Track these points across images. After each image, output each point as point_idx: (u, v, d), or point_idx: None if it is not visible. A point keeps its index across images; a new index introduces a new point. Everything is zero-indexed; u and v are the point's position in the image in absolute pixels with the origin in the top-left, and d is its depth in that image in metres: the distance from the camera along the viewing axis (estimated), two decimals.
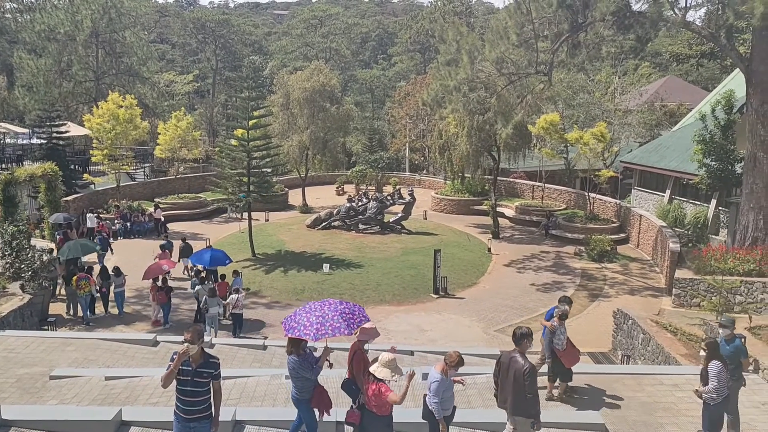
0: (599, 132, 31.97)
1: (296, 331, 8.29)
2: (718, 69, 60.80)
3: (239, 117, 29.51)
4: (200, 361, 7.25)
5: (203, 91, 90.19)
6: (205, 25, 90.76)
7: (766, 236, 21.33)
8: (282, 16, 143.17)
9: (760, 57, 21.06)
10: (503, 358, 8.64)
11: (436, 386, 7.99)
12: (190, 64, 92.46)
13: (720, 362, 8.85)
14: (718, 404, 8.88)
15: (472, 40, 23.31)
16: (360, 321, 8.66)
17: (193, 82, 73.96)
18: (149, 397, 11.64)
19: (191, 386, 7.21)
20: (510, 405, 8.27)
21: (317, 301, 9.17)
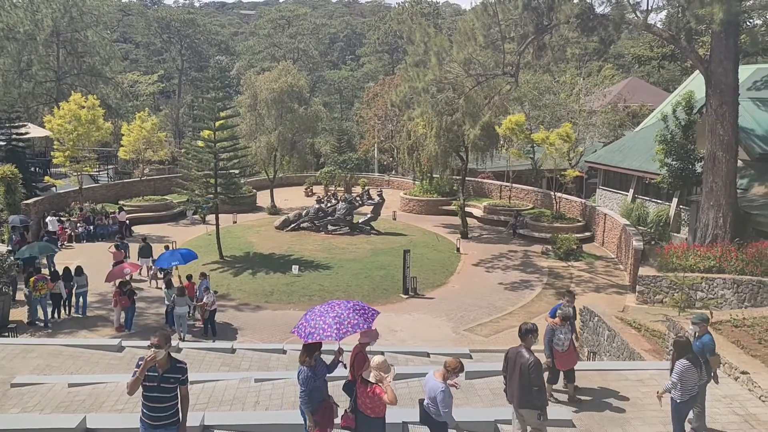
0: (565, 132, 32.46)
1: (316, 335, 8.16)
2: (679, 71, 62.28)
3: (206, 118, 29.13)
4: (167, 366, 7.13)
5: (168, 91, 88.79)
6: (169, 24, 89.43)
7: (725, 234, 21.91)
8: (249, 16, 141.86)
9: (719, 59, 21.64)
10: (510, 353, 8.84)
11: (443, 396, 7.90)
12: (154, 64, 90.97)
13: (688, 361, 8.88)
14: (685, 402, 8.99)
15: (439, 41, 23.42)
16: (372, 315, 8.75)
17: (157, 83, 72.71)
18: (114, 404, 11.41)
19: (158, 392, 7.09)
20: (516, 398, 8.52)
21: (321, 304, 9.13)
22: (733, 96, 21.78)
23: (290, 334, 19.82)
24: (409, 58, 25.82)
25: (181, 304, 19.07)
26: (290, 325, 20.67)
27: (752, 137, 26.02)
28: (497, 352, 17.40)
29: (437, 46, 23.07)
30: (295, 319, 21.33)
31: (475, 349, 16.96)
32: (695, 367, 8.89)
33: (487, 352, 17.27)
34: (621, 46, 67.39)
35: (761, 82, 30.59)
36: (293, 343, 18.17)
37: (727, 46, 21.48)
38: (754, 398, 10.93)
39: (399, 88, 26.82)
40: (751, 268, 19.12)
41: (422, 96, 24.41)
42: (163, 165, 47.67)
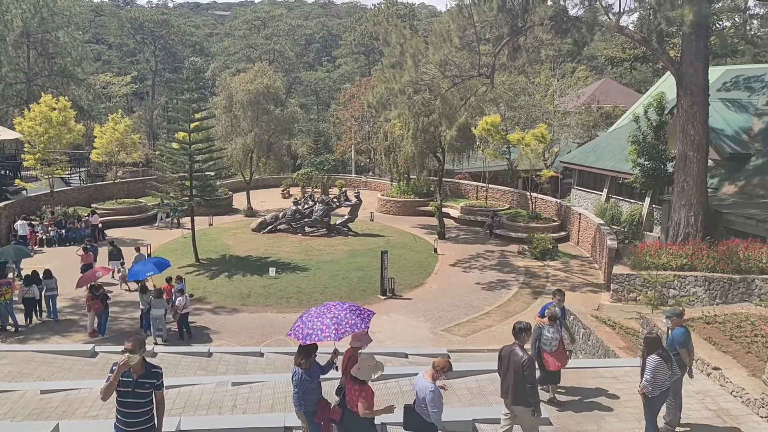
0: (540, 133, 32.79)
1: (314, 336, 8.13)
2: (651, 72, 63.34)
3: (180, 119, 28.82)
4: (141, 371, 7.03)
5: (142, 92, 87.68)
6: (143, 25, 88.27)
7: (697, 232, 22.31)
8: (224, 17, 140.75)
9: (690, 60, 22.05)
10: (503, 351, 8.89)
11: (432, 396, 7.90)
12: (127, 65, 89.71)
13: (659, 357, 9.04)
14: (656, 397, 9.14)
15: (415, 43, 23.48)
16: (368, 315, 8.77)
17: (131, 84, 71.74)
18: (88, 410, 11.23)
19: (132, 398, 6.99)
20: (510, 395, 8.61)
21: (316, 306, 9.10)
22: (703, 97, 22.20)
23: (268, 337, 19.71)
24: (386, 59, 25.86)
25: (157, 306, 18.99)
26: (267, 328, 20.58)
27: (722, 137, 26.55)
28: (475, 352, 17.53)
29: (413, 48, 23.13)
30: (272, 321, 21.28)
31: (452, 349, 17.03)
32: (666, 362, 9.05)
33: (465, 352, 17.36)
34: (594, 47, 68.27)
35: (731, 83, 31.25)
36: (270, 346, 18.09)
37: (697, 47, 21.90)
38: (726, 393, 11.14)
39: (375, 90, 26.81)
40: (721, 266, 19.50)
41: (399, 97, 24.45)
42: (137, 167, 47.06)
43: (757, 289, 18.41)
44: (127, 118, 43.54)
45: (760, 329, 12.90)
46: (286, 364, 15.37)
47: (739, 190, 25.00)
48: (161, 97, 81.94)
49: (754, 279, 18.55)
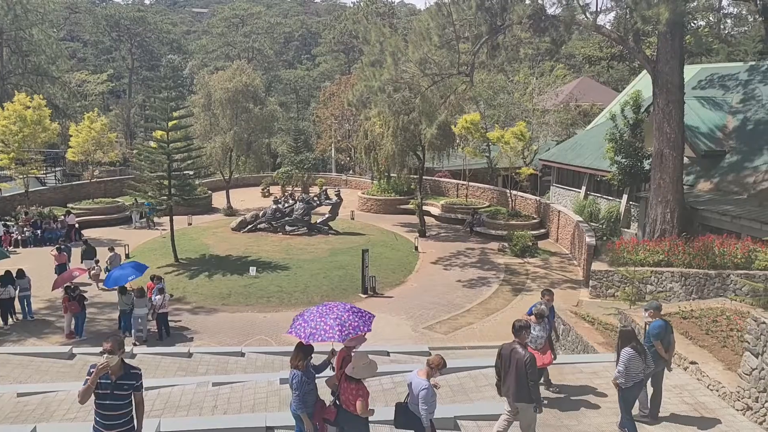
0: (519, 131, 33.01)
1: (317, 336, 8.20)
2: (627, 71, 64.10)
3: (158, 118, 28.52)
4: (120, 373, 6.95)
5: (119, 91, 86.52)
6: (119, 22, 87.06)
7: (673, 228, 22.63)
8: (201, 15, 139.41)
9: (665, 59, 22.35)
10: (504, 350, 8.94)
11: (425, 393, 7.98)
12: (103, 63, 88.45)
13: (632, 350, 9.23)
14: (629, 389, 9.35)
15: (395, 41, 23.47)
16: (369, 318, 8.89)
17: (107, 82, 70.77)
18: (66, 413, 11.08)
19: (111, 399, 6.90)
20: (513, 393, 8.69)
21: (315, 306, 9.12)
22: (679, 95, 22.51)
23: (249, 337, 19.61)
24: (365, 57, 25.83)
25: (140, 306, 18.98)
26: (248, 328, 20.47)
27: (697, 135, 26.97)
28: (456, 350, 17.61)
29: (393, 46, 23.13)
30: (253, 321, 21.17)
31: (434, 347, 17.08)
32: (639, 355, 9.26)
33: (446, 350, 17.39)
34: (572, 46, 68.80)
35: (705, 81, 31.73)
36: (252, 346, 17.99)
37: (673, 46, 22.20)
38: (703, 387, 11.33)
39: (355, 88, 26.78)
40: (697, 262, 19.81)
41: (378, 95, 24.44)
42: (114, 167, 46.52)
43: (732, 284, 18.74)
44: (103, 116, 42.96)
45: (735, 324, 13.13)
46: (268, 364, 15.31)
47: (714, 186, 25.42)
48: (138, 95, 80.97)
49: (729, 274, 18.87)
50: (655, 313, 10.24)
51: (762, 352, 9.77)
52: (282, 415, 10.42)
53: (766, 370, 9.66)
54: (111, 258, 25.06)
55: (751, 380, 10.07)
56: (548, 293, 11.73)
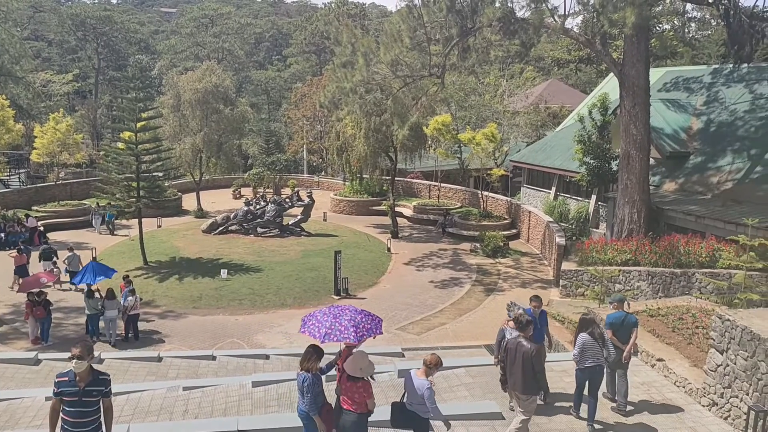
0: (490, 132, 33.30)
1: (333, 336, 8.31)
2: (595, 73, 65.02)
3: (126, 119, 28.06)
4: (88, 378, 6.81)
5: (84, 91, 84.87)
6: (84, 21, 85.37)
7: (640, 228, 23.07)
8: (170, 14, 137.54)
9: (631, 62, 22.78)
10: (510, 345, 9.15)
11: (429, 393, 8.07)
12: (69, 62, 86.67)
13: (588, 334, 9.80)
14: (581, 370, 9.90)
15: (367, 42, 23.48)
16: (379, 321, 9.04)
17: (73, 82, 69.34)
18: (32, 420, 10.83)
19: (79, 407, 6.76)
20: (520, 385, 8.90)
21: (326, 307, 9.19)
22: (645, 97, 22.97)
23: (221, 340, 19.40)
24: (337, 58, 25.78)
25: (111, 308, 18.72)
26: (220, 331, 20.26)
27: (663, 136, 27.52)
28: (429, 350, 17.65)
29: (364, 47, 23.14)
30: (225, 324, 20.95)
31: (407, 348, 17.14)
32: (596, 340, 9.82)
33: (419, 350, 17.45)
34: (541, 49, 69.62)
35: (670, 83, 32.41)
36: (223, 349, 17.82)
37: (639, 49, 22.65)
38: (670, 384, 11.57)
39: (327, 89, 26.70)
40: (663, 261, 20.23)
41: (350, 97, 24.42)
42: (81, 168, 45.62)
43: (697, 282, 19.17)
44: (69, 117, 42.18)
45: (700, 321, 13.44)
46: (240, 367, 15.18)
47: (679, 187, 25.98)
48: (105, 95, 79.56)
49: (694, 273, 19.30)
50: (618, 305, 10.81)
51: (726, 348, 10.02)
52: (254, 419, 10.35)
53: (731, 367, 9.91)
54: (69, 258, 24.61)
55: (716, 376, 10.32)
56: (536, 299, 11.41)
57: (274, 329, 20.59)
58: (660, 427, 9.97)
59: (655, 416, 10.32)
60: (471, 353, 16.77)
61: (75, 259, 24.66)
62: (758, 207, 21.67)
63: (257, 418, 10.50)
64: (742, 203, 22.48)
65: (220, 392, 12.03)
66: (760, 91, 27.11)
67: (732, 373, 9.88)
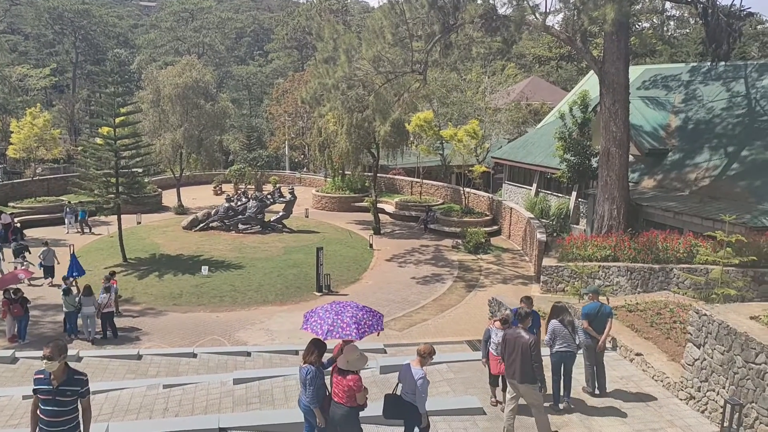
0: (472, 129, 33.40)
1: (335, 333, 8.36)
2: (575, 71, 65.66)
3: (104, 114, 27.70)
4: (63, 378, 6.70)
5: (62, 86, 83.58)
6: (62, 15, 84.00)
7: (619, 224, 23.32)
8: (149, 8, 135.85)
9: (611, 60, 22.99)
10: (508, 336, 9.46)
11: (422, 382, 8.20)
12: (46, 56, 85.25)
13: (558, 321, 10.29)
14: (553, 354, 10.37)
15: (349, 38, 23.40)
16: (380, 317, 9.16)
17: (50, 77, 68.28)
18: (8, 419, 10.67)
19: (53, 406, 6.66)
20: (518, 374, 9.20)
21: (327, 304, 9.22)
22: (624, 95, 23.19)
23: (201, 337, 19.27)
24: (319, 54, 25.66)
25: (87, 304, 18.55)
26: (200, 328, 20.11)
27: (642, 133, 27.83)
28: (411, 346, 17.69)
29: (346, 44, 23.06)
30: (205, 321, 20.81)
31: (389, 344, 17.17)
32: (566, 327, 10.28)
33: (401, 346, 17.52)
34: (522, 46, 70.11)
35: (649, 81, 32.76)
36: (204, 346, 17.70)
37: (618, 47, 22.85)
38: (648, 378, 11.72)
39: (309, 85, 26.59)
40: (642, 256, 20.45)
41: (332, 93, 24.32)
42: (58, 164, 44.98)
43: (675, 277, 19.43)
44: (46, 112, 41.51)
45: (678, 316, 13.62)
46: (221, 365, 15.09)
47: (657, 184, 26.30)
48: (83, 90, 78.44)
49: (672, 268, 19.56)
50: (593, 296, 11.21)
51: (703, 343, 10.17)
52: (235, 416, 10.29)
53: (708, 361, 10.06)
54: (44, 253, 24.30)
55: (693, 370, 10.47)
56: (526, 300, 11.06)
57: (255, 326, 20.50)
58: (638, 420, 10.09)
59: (633, 410, 10.45)
60: (453, 349, 16.84)
61: (50, 254, 24.35)
62: (735, 203, 22.02)
63: (238, 415, 10.45)
64: (719, 199, 22.82)
65: (201, 390, 11.95)
66: (736, 89, 27.51)
67: (709, 367, 10.03)
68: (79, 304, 18.67)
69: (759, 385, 8.85)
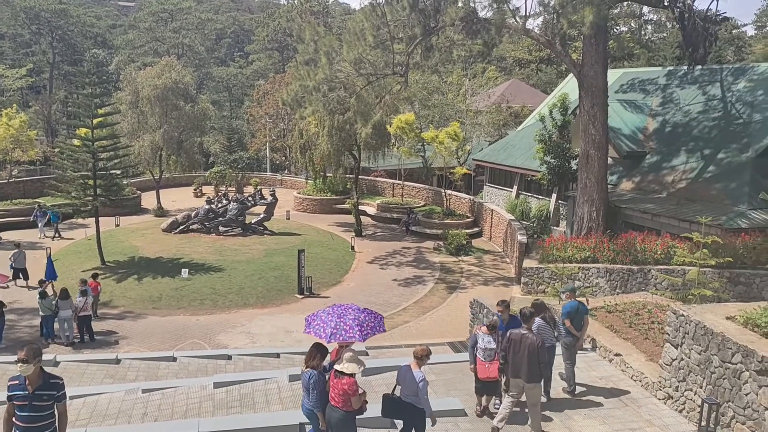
0: (453, 131, 33.53)
1: (338, 336, 8.55)
2: (555, 74, 66.26)
3: (82, 115, 27.33)
4: (39, 382, 6.60)
5: (39, 86, 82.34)
6: (39, 14, 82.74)
7: (598, 226, 23.55)
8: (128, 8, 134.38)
9: (590, 63, 23.23)
10: (513, 336, 9.60)
11: (423, 384, 8.31)
12: (22, 57, 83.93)
13: (541, 319, 10.53)
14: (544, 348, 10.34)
15: (329, 40, 23.37)
16: (381, 318, 9.36)
17: (26, 77, 67.28)
18: None
19: (29, 411, 6.56)
20: (525, 374, 9.42)
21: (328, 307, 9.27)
22: (603, 98, 23.45)
23: (181, 341, 19.08)
24: (300, 56, 25.61)
25: (65, 308, 18.30)
26: (180, 331, 19.92)
27: (620, 136, 28.15)
28: (392, 348, 17.72)
29: (327, 46, 23.03)
30: (186, 324, 20.61)
31: (370, 346, 17.12)
32: (548, 323, 10.67)
33: (383, 348, 17.50)
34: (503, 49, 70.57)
35: (627, 84, 33.16)
36: (184, 350, 17.53)
37: (597, 51, 23.10)
38: (627, 378, 11.84)
39: (290, 87, 26.50)
40: (621, 258, 20.68)
41: (313, 95, 24.27)
42: (35, 166, 44.33)
43: (653, 278, 19.67)
44: (22, 113, 40.87)
45: (656, 316, 13.79)
46: (201, 368, 14.95)
47: (635, 186, 26.61)
48: (60, 91, 77.37)
49: (650, 269, 19.80)
50: (570, 294, 11.45)
51: (681, 343, 10.30)
52: (216, 420, 10.20)
53: (685, 361, 10.20)
54: (15, 255, 23.93)
55: (671, 370, 10.60)
56: (501, 304, 10.93)
57: (236, 329, 20.36)
58: (617, 420, 10.19)
59: (613, 410, 10.55)
60: (435, 351, 16.82)
61: (21, 256, 24.01)
62: (711, 205, 22.36)
63: (219, 419, 10.36)
64: (695, 201, 23.16)
65: (181, 394, 11.83)
66: (712, 92, 27.96)
67: (686, 367, 10.16)
68: (56, 307, 18.41)
69: (735, 384, 8.99)
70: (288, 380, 12.11)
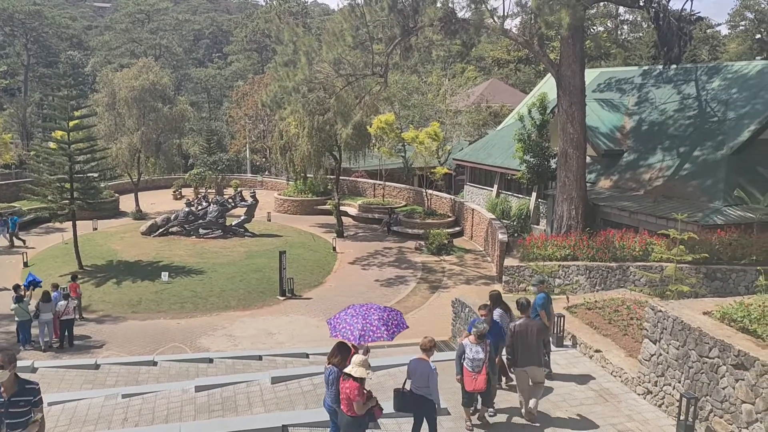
0: (433, 131, 33.64)
1: (367, 337, 8.77)
2: (534, 73, 66.77)
3: (58, 117, 26.95)
4: (14, 389, 6.49)
5: (13, 89, 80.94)
6: (12, 16, 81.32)
7: (578, 224, 23.79)
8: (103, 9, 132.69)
9: (568, 63, 23.46)
10: (517, 328, 9.99)
11: (434, 375, 8.58)
12: None
13: (501, 309, 11.17)
14: None
15: (309, 41, 23.31)
16: (400, 315, 9.61)
17: (0, 80, 66.09)
18: None
19: (7, 418, 6.45)
20: (538, 359, 9.89)
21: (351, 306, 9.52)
22: (580, 97, 23.70)
23: (162, 345, 18.90)
24: (279, 57, 25.51)
25: (45, 311, 18.06)
26: (160, 335, 19.72)
27: (598, 135, 28.47)
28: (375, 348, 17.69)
29: (306, 46, 22.97)
30: (166, 328, 20.41)
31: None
32: (506, 312, 11.25)
33: None
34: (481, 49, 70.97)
35: (604, 84, 33.53)
36: (165, 354, 17.35)
37: (574, 50, 23.35)
38: (607, 374, 11.97)
39: (269, 88, 26.38)
40: (600, 255, 20.91)
41: (293, 96, 24.19)
42: (9, 169, 43.59)
43: (631, 275, 19.92)
44: None
45: (635, 313, 13.96)
46: (182, 372, 14.82)
47: (613, 184, 26.92)
48: (35, 93, 76.09)
49: (628, 266, 20.04)
50: (541, 286, 12.15)
51: (659, 338, 10.44)
52: (197, 424, 10.13)
53: (664, 356, 10.33)
54: None
55: (650, 366, 10.74)
56: (483, 308, 10.46)
57: (218, 332, 20.21)
58: (598, 415, 10.30)
59: (593, 406, 10.66)
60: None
61: None
62: (687, 202, 22.70)
63: (201, 423, 10.28)
64: (672, 199, 23.49)
65: (162, 398, 11.72)
66: (687, 91, 28.38)
67: (665, 362, 10.30)
68: (36, 310, 18.14)
69: (713, 378, 9.14)
70: (270, 382, 12.05)
